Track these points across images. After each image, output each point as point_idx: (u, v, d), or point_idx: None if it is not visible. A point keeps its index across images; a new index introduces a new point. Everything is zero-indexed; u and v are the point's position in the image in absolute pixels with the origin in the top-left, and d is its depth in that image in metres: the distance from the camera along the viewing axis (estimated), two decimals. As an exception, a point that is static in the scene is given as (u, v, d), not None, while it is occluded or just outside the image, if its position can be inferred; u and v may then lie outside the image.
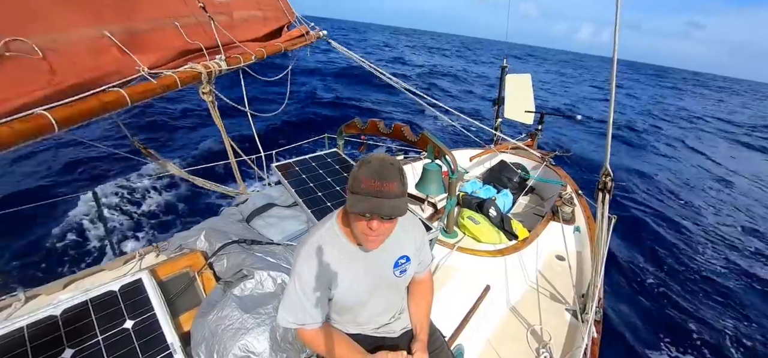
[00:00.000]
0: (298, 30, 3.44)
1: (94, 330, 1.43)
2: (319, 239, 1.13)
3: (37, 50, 1.31)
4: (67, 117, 1.27)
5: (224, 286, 1.74)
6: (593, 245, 2.66)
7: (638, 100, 26.05)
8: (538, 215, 3.81)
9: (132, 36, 1.77)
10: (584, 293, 2.21)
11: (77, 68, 1.44)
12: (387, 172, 0.95)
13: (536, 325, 2.13)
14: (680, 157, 12.23)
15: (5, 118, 1.12)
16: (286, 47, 3.05)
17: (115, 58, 1.64)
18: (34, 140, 1.20)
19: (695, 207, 8.05)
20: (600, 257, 2.05)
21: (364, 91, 14.30)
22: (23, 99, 1.19)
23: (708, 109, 25.81)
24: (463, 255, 2.50)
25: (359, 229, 1.02)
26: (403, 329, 1.34)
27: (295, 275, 1.12)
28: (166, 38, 2.00)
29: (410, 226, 1.26)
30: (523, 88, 5.04)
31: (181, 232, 2.20)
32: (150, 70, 1.75)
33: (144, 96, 1.63)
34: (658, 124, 17.53)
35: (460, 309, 2.08)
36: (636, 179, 9.17)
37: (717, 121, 21.21)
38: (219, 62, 2.17)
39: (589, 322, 1.95)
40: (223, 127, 2.63)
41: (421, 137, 2.62)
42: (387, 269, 1.19)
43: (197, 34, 2.21)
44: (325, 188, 2.58)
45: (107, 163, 6.85)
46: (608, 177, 1.93)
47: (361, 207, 0.94)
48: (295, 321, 1.13)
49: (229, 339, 1.44)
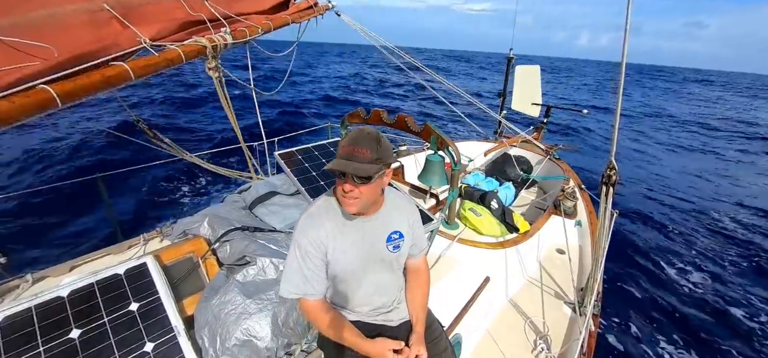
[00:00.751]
0: (306, 2, 3.32)
1: (100, 311, 1.47)
2: (317, 210, 1.19)
3: (32, 25, 1.29)
4: (69, 91, 1.24)
5: (227, 271, 1.77)
6: (594, 239, 2.67)
7: (629, 99, 25.74)
8: (540, 208, 3.81)
9: (131, 8, 1.72)
10: (583, 286, 2.23)
11: (78, 42, 1.41)
12: (361, 140, 1.04)
13: (534, 317, 2.15)
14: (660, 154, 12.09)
15: (5, 92, 1.10)
16: (293, 19, 2.93)
17: (116, 31, 1.59)
18: (36, 115, 1.18)
19: (694, 201, 8.01)
20: (601, 250, 2.06)
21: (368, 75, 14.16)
22: (23, 72, 1.18)
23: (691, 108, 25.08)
24: (464, 247, 2.51)
25: (339, 191, 1.11)
26: (401, 319, 1.36)
27: (295, 243, 1.16)
28: (166, 9, 1.93)
29: (403, 204, 1.31)
30: (532, 80, 4.99)
31: (184, 218, 2.22)
32: (152, 42, 1.71)
33: (147, 70, 1.58)
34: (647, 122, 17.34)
35: (460, 299, 2.10)
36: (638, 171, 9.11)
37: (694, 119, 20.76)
38: (224, 35, 2.08)
39: (587, 315, 1.96)
40: (231, 108, 2.57)
41: (424, 128, 2.61)
42: (380, 243, 1.23)
43: (199, 5, 2.12)
44: (328, 177, 2.59)
45: (112, 147, 6.90)
46: (613, 171, 1.92)
47: (332, 165, 1.04)
48: (297, 291, 1.17)
49: (232, 323, 1.47)
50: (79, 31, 1.46)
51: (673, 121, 18.18)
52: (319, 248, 1.15)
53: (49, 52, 1.29)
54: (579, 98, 24.73)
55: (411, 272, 1.40)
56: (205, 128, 9.28)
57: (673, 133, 15.47)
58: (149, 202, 5.54)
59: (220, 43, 2.03)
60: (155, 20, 1.82)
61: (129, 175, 3.22)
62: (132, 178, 5.63)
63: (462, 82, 26.17)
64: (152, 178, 6.00)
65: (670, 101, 27.02)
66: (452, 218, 2.78)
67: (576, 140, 11.63)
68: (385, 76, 14.51)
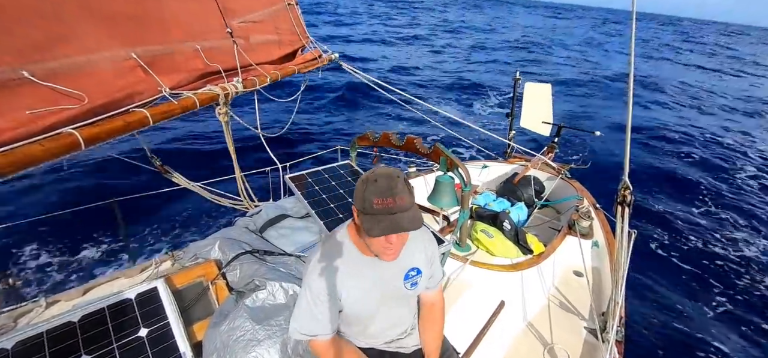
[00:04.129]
0: (311, 53, 3.55)
1: (109, 337, 1.46)
2: (330, 250, 1.13)
3: (70, 71, 1.39)
4: (93, 136, 1.35)
5: (237, 296, 1.75)
6: (612, 261, 2.57)
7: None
8: (553, 228, 3.71)
9: (155, 57, 1.86)
10: (604, 311, 2.13)
11: (104, 89, 1.53)
12: (396, 187, 0.96)
13: (554, 344, 2.06)
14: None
15: (37, 137, 1.20)
16: (299, 69, 3.14)
17: (139, 79, 1.73)
18: (62, 157, 1.26)
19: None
20: (621, 273, 1.98)
21: (374, 104, 14.43)
22: (56, 117, 1.27)
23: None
24: (476, 269, 2.45)
25: (377, 247, 1.02)
26: (415, 346, 1.31)
27: (306, 286, 1.12)
28: (187, 60, 2.09)
29: (421, 238, 1.25)
30: (542, 98, 4.98)
31: (196, 241, 2.24)
32: (171, 90, 1.83)
33: (165, 116, 1.72)
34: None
35: (474, 326, 2.02)
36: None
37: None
38: (236, 85, 2.26)
39: (610, 341, 1.86)
40: (233, 148, 2.71)
41: (433, 149, 2.61)
42: (398, 281, 1.18)
43: (216, 56, 2.30)
44: (338, 200, 2.59)
45: (127, 177, 7.08)
46: (627, 190, 1.87)
47: (381, 228, 0.94)
48: (307, 333, 1.13)
49: (241, 350, 1.44)
50: (108, 79, 1.58)
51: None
52: (331, 291, 1.10)
53: (81, 98, 1.38)
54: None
55: (425, 306, 1.34)
56: (212, 163, 9.42)
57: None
58: (163, 226, 5.62)
59: (232, 91, 2.20)
60: (175, 69, 1.98)
61: (143, 199, 3.31)
62: (146, 202, 5.73)
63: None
64: (167, 199, 6.11)
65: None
66: (464, 239, 2.73)
67: (584, 153, 11.41)
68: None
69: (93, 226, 5.08)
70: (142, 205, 5.68)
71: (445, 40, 28.14)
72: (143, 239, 5.19)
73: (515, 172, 4.29)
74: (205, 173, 3.50)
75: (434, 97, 14.00)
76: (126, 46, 1.69)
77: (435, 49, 24.25)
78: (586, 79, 18.50)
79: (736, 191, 8.67)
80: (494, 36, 33.13)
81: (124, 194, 3.04)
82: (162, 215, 5.88)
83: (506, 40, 30.66)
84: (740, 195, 8.42)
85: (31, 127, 1.20)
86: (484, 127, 4.09)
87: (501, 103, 14.04)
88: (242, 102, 2.97)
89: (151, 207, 5.85)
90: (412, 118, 13.93)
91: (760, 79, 24.67)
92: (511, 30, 39.08)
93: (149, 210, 5.81)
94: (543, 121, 4.86)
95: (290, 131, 7.47)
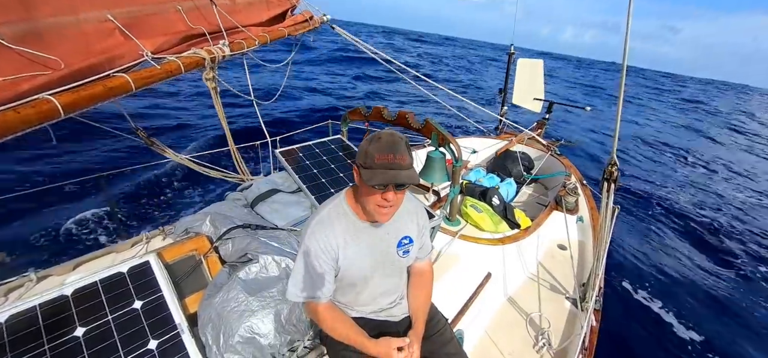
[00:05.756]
0: (301, 14, 3.37)
1: (104, 310, 1.48)
2: (328, 215, 1.17)
3: (44, 34, 1.31)
4: (72, 102, 1.28)
5: (230, 269, 1.78)
6: (596, 235, 2.66)
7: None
8: (541, 204, 3.81)
9: (135, 20, 1.76)
10: (585, 282, 2.23)
11: (82, 52, 1.44)
12: (398, 146, 1.01)
13: (536, 312, 2.16)
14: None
15: (12, 103, 1.13)
16: (290, 32, 3.00)
17: (118, 43, 1.64)
18: (40, 125, 1.21)
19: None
20: (602, 246, 2.06)
21: (366, 78, 14.13)
22: (30, 83, 1.20)
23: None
24: (465, 243, 2.51)
25: (373, 202, 1.07)
26: (404, 314, 1.37)
27: (304, 249, 1.15)
28: (168, 22, 1.98)
29: (414, 209, 1.30)
30: (535, 75, 4.95)
31: (186, 216, 2.23)
32: (153, 54, 1.75)
33: (148, 81, 1.64)
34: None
35: (461, 296, 2.10)
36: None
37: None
38: (222, 47, 2.15)
39: (588, 310, 1.96)
40: (223, 114, 2.62)
41: (425, 124, 2.60)
42: (391, 248, 1.23)
43: (199, 18, 2.18)
44: (329, 174, 2.59)
45: (113, 150, 6.90)
46: (615, 167, 1.93)
47: (378, 179, 1.00)
48: (304, 295, 1.17)
49: (235, 321, 1.48)
50: (85, 43, 1.49)
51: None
52: (329, 254, 1.14)
53: (57, 63, 1.30)
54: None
55: (415, 274, 1.41)
56: (202, 133, 9.24)
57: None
58: (151, 200, 5.55)
59: (218, 55, 2.09)
60: (157, 32, 1.87)
61: (130, 174, 3.24)
62: (133, 176, 5.64)
63: (458, 71, 25.91)
64: (154, 176, 6.01)
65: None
66: (454, 214, 2.78)
67: (573, 135, 11.56)
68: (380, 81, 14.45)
69: (80, 200, 4.99)
70: (130, 179, 5.60)
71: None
72: (131, 213, 5.14)
73: (506, 150, 4.33)
74: (194, 145, 3.45)
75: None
76: (101, 8, 1.60)
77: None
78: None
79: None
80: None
81: (112, 168, 2.98)
82: (151, 189, 5.81)
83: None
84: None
85: (4, 95, 1.13)
86: (476, 103, 4.06)
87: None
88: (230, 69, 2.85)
89: (139, 182, 5.77)
90: (406, 92, 13.77)
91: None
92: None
93: (137, 185, 5.73)
94: (535, 97, 4.86)
95: (279, 105, 7.32)
